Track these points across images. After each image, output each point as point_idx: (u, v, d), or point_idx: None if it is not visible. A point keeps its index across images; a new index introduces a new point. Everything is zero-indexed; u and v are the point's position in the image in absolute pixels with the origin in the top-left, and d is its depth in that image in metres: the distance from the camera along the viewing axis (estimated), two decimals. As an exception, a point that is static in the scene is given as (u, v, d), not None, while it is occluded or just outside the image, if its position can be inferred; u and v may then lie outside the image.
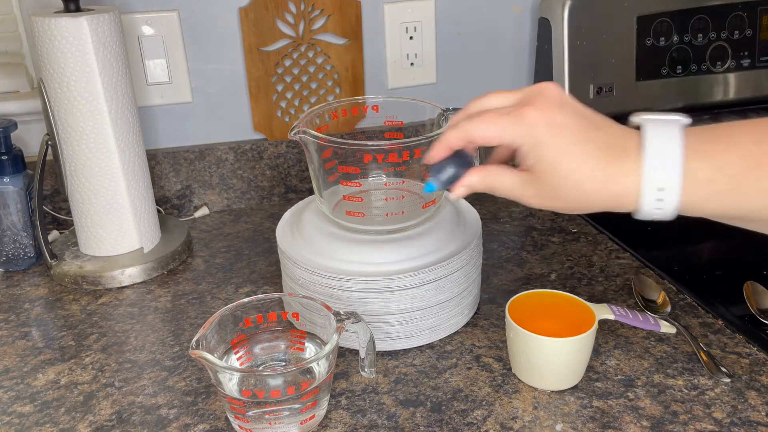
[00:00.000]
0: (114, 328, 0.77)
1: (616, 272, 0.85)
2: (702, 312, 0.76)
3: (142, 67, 0.99)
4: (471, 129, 0.48)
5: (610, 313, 0.67)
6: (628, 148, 0.45)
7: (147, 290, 0.85)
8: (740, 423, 0.60)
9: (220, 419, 0.62)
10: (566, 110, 0.47)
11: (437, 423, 0.61)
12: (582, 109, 0.48)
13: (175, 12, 0.97)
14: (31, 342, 0.75)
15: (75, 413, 0.64)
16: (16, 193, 0.87)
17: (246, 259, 0.92)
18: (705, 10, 1.04)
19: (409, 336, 0.71)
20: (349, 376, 0.68)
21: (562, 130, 0.46)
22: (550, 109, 0.46)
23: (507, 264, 0.87)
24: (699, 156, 0.44)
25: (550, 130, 0.46)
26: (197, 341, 0.57)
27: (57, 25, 0.77)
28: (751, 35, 1.07)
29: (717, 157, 0.43)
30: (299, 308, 0.67)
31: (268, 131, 1.06)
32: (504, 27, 1.11)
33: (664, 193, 0.44)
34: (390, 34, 1.06)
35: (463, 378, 0.67)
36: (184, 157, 1.03)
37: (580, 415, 0.62)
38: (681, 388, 0.64)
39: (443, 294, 0.70)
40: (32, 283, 0.87)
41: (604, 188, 0.46)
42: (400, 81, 1.09)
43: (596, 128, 0.47)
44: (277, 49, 1.02)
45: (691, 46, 1.04)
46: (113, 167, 0.84)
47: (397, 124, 0.80)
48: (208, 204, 1.06)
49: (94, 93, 0.80)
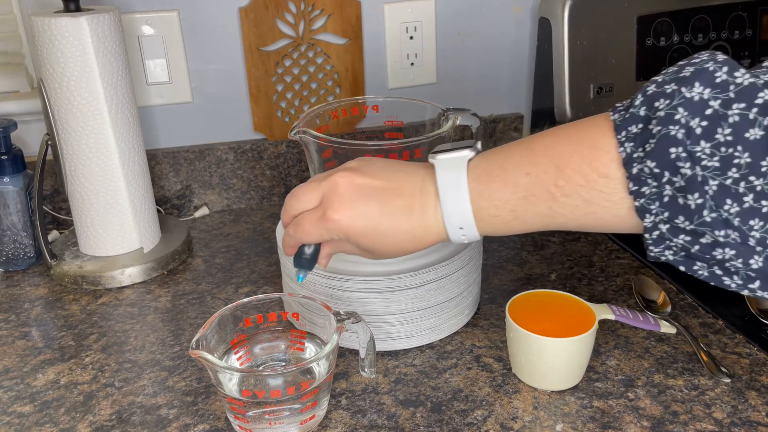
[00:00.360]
0: (114, 328, 0.77)
1: (616, 272, 0.85)
2: (702, 312, 0.76)
3: (142, 67, 0.99)
4: (299, 237, 0.57)
5: (611, 313, 0.67)
6: (426, 204, 0.54)
7: (147, 290, 0.85)
8: (740, 423, 0.60)
9: (220, 419, 0.62)
10: (359, 200, 0.54)
11: (437, 423, 0.61)
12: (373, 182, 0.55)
13: (175, 12, 0.97)
14: (31, 342, 0.75)
15: (75, 413, 0.64)
16: (16, 193, 0.87)
17: (246, 259, 0.92)
18: (705, 10, 1.04)
19: (409, 336, 0.71)
20: (349, 376, 0.68)
21: (364, 218, 0.54)
22: (346, 208, 0.54)
23: (507, 264, 0.87)
24: (483, 197, 0.52)
25: (354, 224, 0.54)
26: (197, 341, 0.57)
27: (57, 25, 0.77)
28: (752, 35, 1.07)
29: (496, 196, 0.51)
30: (299, 308, 0.67)
31: (268, 131, 1.06)
32: (504, 27, 1.11)
33: (465, 230, 0.53)
34: (390, 34, 1.06)
35: (464, 378, 0.67)
36: (184, 157, 1.03)
37: (580, 415, 0.62)
38: (681, 388, 0.64)
39: (443, 294, 0.70)
40: (32, 283, 0.87)
41: (419, 240, 0.55)
42: (400, 81, 1.09)
43: (394, 196, 0.54)
44: (277, 49, 1.02)
45: (691, 46, 1.04)
46: (113, 167, 0.84)
47: (398, 124, 0.80)
48: (208, 204, 1.06)
49: (94, 93, 0.80)
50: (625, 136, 0.46)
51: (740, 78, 0.43)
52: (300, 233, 0.57)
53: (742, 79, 0.43)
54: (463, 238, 0.54)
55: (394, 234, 0.54)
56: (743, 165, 0.42)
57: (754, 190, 0.42)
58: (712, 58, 0.45)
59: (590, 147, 0.48)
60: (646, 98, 0.46)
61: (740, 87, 0.43)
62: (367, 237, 0.55)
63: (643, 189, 0.45)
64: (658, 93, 0.45)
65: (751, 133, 0.42)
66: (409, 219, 0.54)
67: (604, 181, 0.47)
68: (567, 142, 0.49)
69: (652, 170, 0.45)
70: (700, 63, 0.45)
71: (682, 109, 0.43)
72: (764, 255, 0.44)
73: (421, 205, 0.54)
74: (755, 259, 0.44)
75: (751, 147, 0.42)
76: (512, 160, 0.51)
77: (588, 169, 0.47)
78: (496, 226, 0.52)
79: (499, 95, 1.16)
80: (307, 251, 0.59)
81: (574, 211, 0.49)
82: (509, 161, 0.51)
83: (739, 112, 0.42)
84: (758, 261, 0.44)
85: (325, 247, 0.60)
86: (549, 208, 0.50)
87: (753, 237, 0.43)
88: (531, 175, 0.50)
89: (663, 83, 0.45)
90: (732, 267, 0.45)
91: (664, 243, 0.47)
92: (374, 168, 0.56)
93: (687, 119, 0.43)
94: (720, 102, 0.43)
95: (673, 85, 0.44)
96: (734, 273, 0.45)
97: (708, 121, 0.43)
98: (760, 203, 0.42)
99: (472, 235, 0.53)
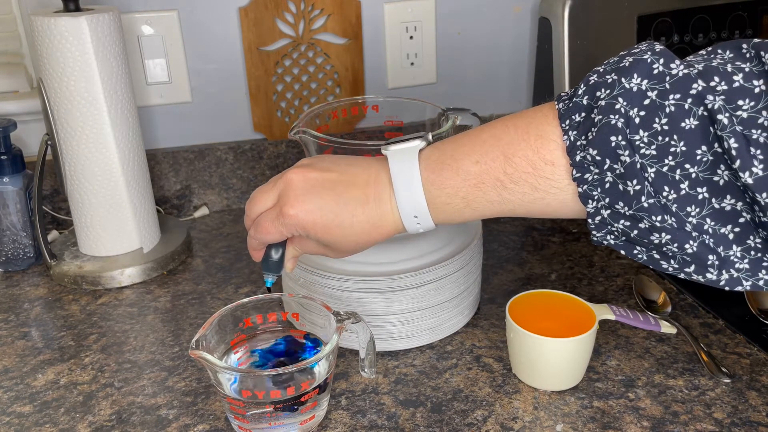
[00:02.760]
0: (113, 328, 0.77)
1: (616, 272, 0.85)
2: (702, 312, 0.76)
3: (142, 67, 0.98)
4: (260, 237, 0.58)
5: (611, 314, 0.67)
6: (381, 194, 0.54)
7: (147, 290, 0.85)
8: (741, 423, 0.60)
9: (220, 419, 0.62)
10: (314, 193, 0.55)
11: (437, 423, 0.61)
12: (327, 175, 0.56)
13: (174, 12, 0.97)
14: (31, 342, 0.75)
15: (75, 413, 0.64)
16: (16, 193, 0.87)
17: (246, 259, 0.91)
18: (705, 10, 1.04)
19: (410, 336, 0.71)
20: (349, 376, 0.68)
21: (319, 210, 0.55)
22: (301, 202, 0.55)
23: (507, 264, 0.87)
24: (435, 186, 0.53)
25: (310, 217, 0.55)
26: (197, 341, 0.57)
27: (57, 25, 0.77)
28: (752, 35, 1.07)
29: (447, 184, 0.52)
30: (299, 308, 0.67)
31: (268, 131, 1.06)
32: (504, 27, 1.11)
33: (419, 219, 0.54)
34: (390, 33, 1.06)
35: (464, 378, 0.67)
36: (184, 157, 1.03)
37: (580, 415, 0.62)
38: (681, 389, 0.64)
39: (443, 294, 0.70)
40: (32, 283, 0.87)
41: (376, 230, 0.55)
42: (400, 81, 1.09)
43: (349, 187, 0.55)
44: (277, 48, 1.01)
45: (691, 46, 1.04)
46: (113, 167, 0.84)
47: (398, 123, 0.80)
48: (207, 204, 1.06)
49: (93, 93, 0.80)
50: (568, 125, 0.48)
51: (675, 69, 0.45)
52: (260, 233, 0.58)
53: (677, 71, 0.44)
54: (419, 227, 0.55)
55: (351, 224, 0.55)
56: (679, 153, 0.44)
57: (689, 178, 0.44)
58: (650, 48, 0.46)
59: (536, 135, 0.49)
60: (588, 88, 0.48)
61: (675, 78, 0.44)
62: (324, 229, 0.55)
63: (586, 176, 0.47)
64: (600, 83, 0.47)
65: (687, 123, 0.44)
66: (365, 208, 0.55)
67: (551, 169, 0.49)
68: (514, 130, 0.50)
69: (594, 158, 0.46)
70: (638, 53, 0.46)
71: (622, 99, 0.45)
72: (699, 240, 0.45)
73: (375, 195, 0.55)
74: (690, 244, 0.46)
75: (686, 136, 0.44)
76: (462, 149, 0.52)
77: (535, 157, 0.49)
78: (449, 214, 0.54)
79: (499, 95, 1.16)
80: (274, 255, 0.60)
81: (523, 198, 0.50)
82: (459, 150, 0.52)
83: (674, 103, 0.44)
84: (693, 246, 0.46)
85: (288, 248, 0.61)
86: (498, 195, 0.51)
87: (690, 223, 0.45)
88: (480, 163, 0.51)
89: (604, 73, 0.47)
90: (669, 251, 0.47)
91: (606, 228, 0.49)
92: (327, 162, 0.57)
93: (626, 109, 0.45)
94: (657, 92, 0.45)
95: (614, 75, 0.46)
96: (671, 257, 0.47)
97: (646, 111, 0.45)
98: (695, 190, 0.44)
99: (427, 223, 0.54)
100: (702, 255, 0.46)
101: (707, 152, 0.44)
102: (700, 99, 0.43)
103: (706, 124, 0.43)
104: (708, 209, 0.45)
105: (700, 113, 0.43)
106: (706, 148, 0.44)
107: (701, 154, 0.44)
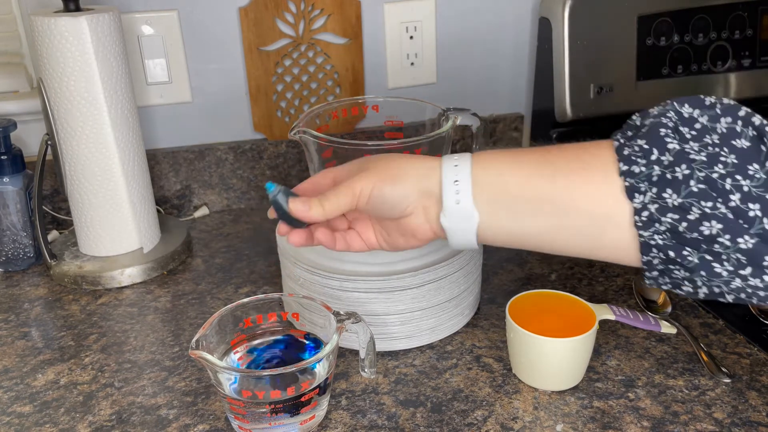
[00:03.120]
0: (114, 328, 0.77)
1: (616, 272, 0.85)
2: (702, 312, 0.76)
3: (142, 67, 0.98)
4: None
5: (611, 314, 0.67)
6: (433, 168, 0.54)
7: (147, 290, 0.85)
8: (741, 423, 0.60)
9: (220, 419, 0.62)
10: None
11: (437, 423, 0.61)
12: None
13: (174, 12, 0.97)
14: (31, 342, 0.75)
15: (75, 413, 0.64)
16: (16, 193, 0.87)
17: (246, 259, 0.91)
18: (706, 10, 1.04)
19: (410, 336, 0.71)
20: (349, 376, 0.68)
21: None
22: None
23: (507, 264, 0.87)
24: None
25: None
26: (197, 341, 0.57)
27: (57, 25, 0.77)
28: (752, 35, 1.07)
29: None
30: (299, 308, 0.67)
31: (268, 131, 1.06)
32: (504, 27, 1.11)
33: (459, 185, 0.52)
34: (390, 34, 1.06)
35: (464, 378, 0.67)
36: (184, 157, 1.03)
37: (580, 415, 0.61)
38: (681, 389, 0.64)
39: (443, 294, 0.70)
40: (32, 283, 0.87)
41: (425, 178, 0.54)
42: (400, 81, 1.09)
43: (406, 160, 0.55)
44: (277, 48, 1.01)
45: (691, 46, 1.04)
46: (113, 167, 0.84)
47: (398, 124, 0.80)
48: (207, 204, 1.06)
49: (93, 93, 0.80)
50: (621, 137, 0.50)
51: (726, 100, 0.47)
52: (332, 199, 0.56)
53: (728, 101, 0.47)
54: (456, 198, 0.53)
55: (405, 161, 0.55)
56: (729, 164, 0.45)
57: (741, 190, 0.44)
58: (698, 96, 0.49)
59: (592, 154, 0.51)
60: (642, 114, 0.50)
61: (725, 105, 0.47)
62: (380, 158, 0.56)
63: (633, 168, 0.47)
64: (650, 112, 0.50)
65: (739, 143, 0.45)
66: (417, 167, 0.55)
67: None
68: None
69: (642, 147, 0.47)
70: (686, 98, 0.49)
71: (673, 113, 0.48)
72: (756, 232, 0.43)
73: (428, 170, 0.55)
74: (745, 240, 0.44)
75: (737, 151, 0.45)
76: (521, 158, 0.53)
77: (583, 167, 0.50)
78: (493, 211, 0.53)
79: (499, 95, 1.16)
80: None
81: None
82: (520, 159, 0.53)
83: (726, 126, 0.46)
84: (748, 242, 0.44)
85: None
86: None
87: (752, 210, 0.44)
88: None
89: (655, 110, 0.50)
90: (721, 247, 0.44)
91: (653, 226, 0.47)
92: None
93: (677, 123, 0.47)
94: (707, 118, 0.46)
95: (665, 105, 0.49)
96: (725, 259, 0.45)
97: (697, 132, 0.46)
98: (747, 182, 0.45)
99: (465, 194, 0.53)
100: (759, 251, 0.43)
101: (759, 170, 0.44)
102: (748, 119, 0.45)
103: (757, 144, 0.44)
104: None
105: (750, 134, 0.45)
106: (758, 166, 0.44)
107: (753, 170, 0.44)
